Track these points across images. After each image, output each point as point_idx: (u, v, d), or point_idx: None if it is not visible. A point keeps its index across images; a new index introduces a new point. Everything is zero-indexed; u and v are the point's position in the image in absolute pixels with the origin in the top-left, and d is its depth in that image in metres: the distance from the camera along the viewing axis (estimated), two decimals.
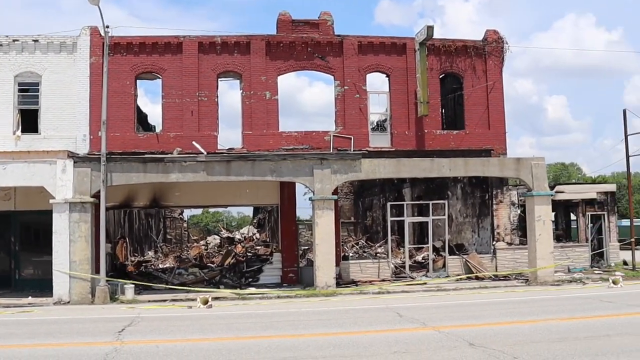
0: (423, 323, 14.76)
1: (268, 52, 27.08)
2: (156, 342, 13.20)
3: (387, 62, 28.02)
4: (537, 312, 16.48)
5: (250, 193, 27.05)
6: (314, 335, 13.63)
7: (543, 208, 25.13)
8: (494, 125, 28.61)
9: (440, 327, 14.05)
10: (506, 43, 29.15)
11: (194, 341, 13.21)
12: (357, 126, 27.38)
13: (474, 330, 13.51)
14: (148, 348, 12.49)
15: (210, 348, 12.32)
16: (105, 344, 12.94)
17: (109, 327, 15.37)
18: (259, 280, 26.30)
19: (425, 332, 13.61)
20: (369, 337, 13.19)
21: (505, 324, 14.51)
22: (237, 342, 12.92)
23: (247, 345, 12.47)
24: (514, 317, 15.64)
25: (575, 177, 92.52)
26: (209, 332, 14.39)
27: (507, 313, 16.45)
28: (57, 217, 22.43)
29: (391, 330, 13.96)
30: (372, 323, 15.25)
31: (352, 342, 12.59)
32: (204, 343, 12.95)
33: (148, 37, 26.61)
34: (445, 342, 12.31)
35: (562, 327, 13.79)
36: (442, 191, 30.90)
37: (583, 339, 12.20)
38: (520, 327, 13.88)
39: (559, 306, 17.53)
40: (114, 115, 25.27)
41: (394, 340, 12.65)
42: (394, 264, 27.75)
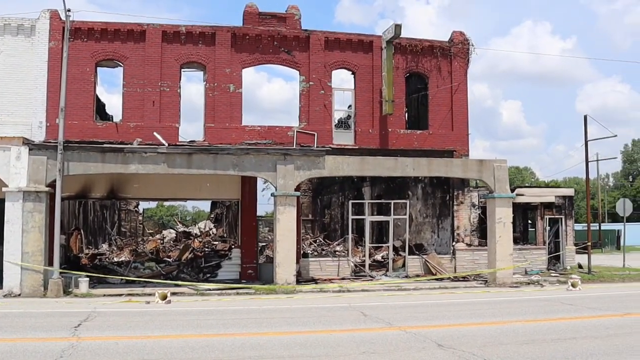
0: (389, 323, 14.59)
1: (233, 44, 26.61)
2: (115, 338, 12.74)
3: (354, 59, 27.82)
4: (501, 313, 16.49)
5: (210, 187, 26.54)
6: (279, 333, 13.33)
7: (504, 210, 25.27)
8: (457, 127, 28.68)
9: (406, 327, 13.89)
10: (472, 45, 29.25)
11: (154, 338, 12.78)
12: (321, 122, 27.12)
13: (441, 331, 13.39)
14: (107, 345, 12.03)
15: (172, 345, 11.92)
16: (61, 340, 12.43)
17: (64, 322, 14.81)
18: (218, 276, 25.83)
19: (391, 332, 13.42)
20: (335, 336, 12.95)
21: (471, 325, 14.42)
22: (200, 340, 12.52)
23: (210, 343, 12.10)
24: (478, 318, 15.58)
25: (528, 181, 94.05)
26: (170, 329, 13.96)
27: (471, 314, 16.39)
28: (10, 206, 21.65)
29: (357, 330, 13.74)
30: (337, 322, 15.01)
31: (318, 341, 12.34)
32: (166, 340, 12.54)
33: (110, 24, 25.85)
34: (413, 342, 12.14)
35: (528, 329, 13.76)
36: (403, 191, 30.85)
37: (550, 341, 12.17)
38: (487, 329, 13.81)
39: (521, 308, 17.56)
40: (72, 103, 24.49)
41: (361, 340, 12.44)
42: (354, 263, 27.58)
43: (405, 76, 28.66)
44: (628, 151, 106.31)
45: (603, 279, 27.28)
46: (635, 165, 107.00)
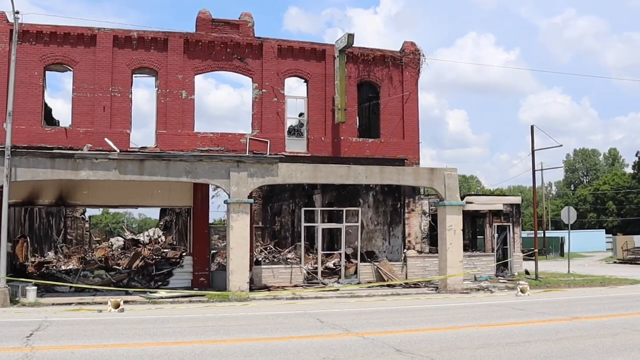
0: (346, 329, 14.68)
1: (186, 50, 26.45)
2: (71, 347, 12.48)
3: (306, 67, 27.97)
4: (454, 318, 16.77)
5: (162, 194, 26.25)
6: (237, 340, 13.28)
7: (454, 218, 25.73)
8: (408, 135, 29.10)
9: (363, 333, 14.01)
10: (423, 55, 29.75)
11: (111, 347, 12.57)
12: (274, 130, 27.16)
13: (398, 337, 13.54)
14: (62, 354, 11.78)
15: (129, 354, 11.75)
16: (13, 350, 12.11)
17: (14, 332, 14.44)
18: (169, 284, 25.54)
19: (349, 338, 13.51)
20: (294, 342, 12.98)
21: (426, 330, 14.65)
22: (158, 348, 12.39)
23: (169, 351, 11.98)
24: (434, 323, 15.82)
25: (475, 189, 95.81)
26: (126, 337, 13.75)
27: (426, 320, 16.63)
28: None
29: (315, 336, 13.79)
30: (294, 329, 15.04)
31: (278, 348, 12.35)
32: (122, 349, 12.36)
33: (60, 27, 25.39)
34: (371, 348, 12.26)
35: (482, 333, 14.03)
36: (354, 198, 31.08)
37: (505, 345, 12.46)
38: (443, 334, 14.04)
39: (474, 313, 17.90)
40: (19, 107, 23.90)
41: (320, 346, 12.51)
42: (307, 270, 27.64)
43: (358, 85, 28.95)
44: (570, 161, 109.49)
45: (550, 285, 27.98)
46: (576, 174, 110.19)
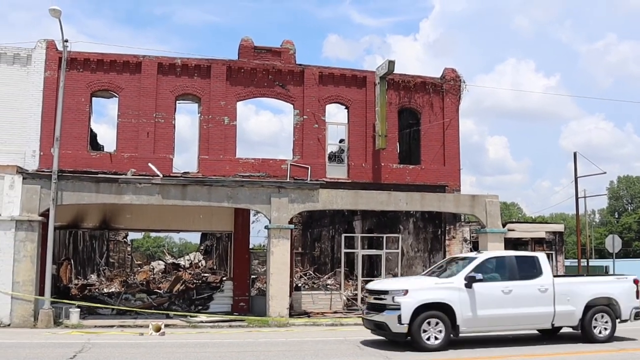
0: (386, 357, 14.54)
1: (229, 77, 26.82)
2: None
3: (347, 93, 28.11)
4: None
5: (203, 219, 26.51)
6: None
7: (496, 245, 25.40)
8: (449, 162, 28.93)
9: None
10: (463, 82, 29.66)
11: None
12: (315, 156, 27.29)
13: None
14: None
15: None
16: None
17: (58, 353, 14.67)
18: (209, 308, 25.66)
19: None
20: None
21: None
22: None
23: None
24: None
25: (516, 216, 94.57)
26: None
27: None
28: (2, 235, 21.59)
29: None
30: (334, 355, 14.95)
31: None
32: None
33: (106, 55, 26.01)
34: None
35: None
36: (394, 225, 30.97)
37: None
38: None
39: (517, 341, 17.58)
40: (66, 133, 24.49)
41: None
42: (346, 296, 27.53)
43: (398, 111, 28.96)
44: (614, 188, 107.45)
45: None
46: (620, 202, 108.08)
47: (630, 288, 17.32)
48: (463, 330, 15.63)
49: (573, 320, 16.64)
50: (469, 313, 15.56)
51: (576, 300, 16.55)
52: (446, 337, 15.29)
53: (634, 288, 17.32)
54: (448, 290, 15.67)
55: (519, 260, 16.95)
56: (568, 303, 16.46)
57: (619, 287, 17.32)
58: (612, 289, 17.22)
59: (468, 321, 15.56)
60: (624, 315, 17.05)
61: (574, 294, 16.60)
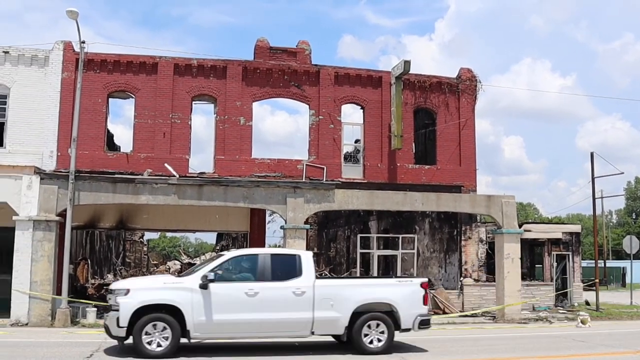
0: (402, 357, 14.50)
1: (244, 77, 26.89)
2: None
3: (363, 94, 28.09)
4: (513, 349, 16.38)
5: (219, 219, 26.63)
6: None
7: (512, 246, 25.29)
8: (465, 162, 28.83)
9: None
10: (479, 82, 29.54)
11: None
12: (330, 156, 27.29)
13: None
14: None
15: None
16: None
17: (75, 352, 14.74)
18: None
19: None
20: None
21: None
22: None
23: None
24: (492, 353, 15.50)
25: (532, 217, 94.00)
26: None
27: (483, 350, 16.29)
28: (20, 235, 21.68)
29: None
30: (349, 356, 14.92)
31: None
32: None
33: (123, 56, 26.16)
34: None
35: None
36: (410, 225, 30.85)
37: None
38: None
39: (533, 344, 17.44)
40: (83, 133, 24.65)
41: None
42: None
43: (414, 111, 28.89)
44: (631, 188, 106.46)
45: (611, 317, 27.18)
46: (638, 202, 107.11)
47: (414, 292, 15.20)
48: (195, 336, 14.17)
49: (338, 328, 14.67)
50: (202, 317, 13.96)
51: (342, 306, 14.55)
52: (173, 343, 13.79)
53: (419, 293, 15.23)
54: (178, 291, 14.03)
55: (276, 259, 15.07)
56: (331, 308, 14.50)
57: (399, 292, 15.16)
58: (389, 294, 15.08)
59: (201, 326, 14.01)
60: (405, 324, 14.96)
61: (340, 299, 14.59)
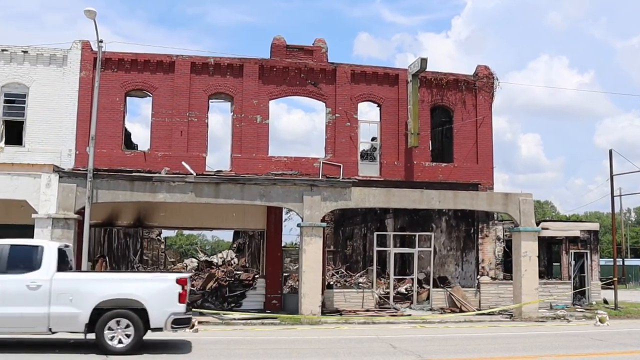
0: (419, 355, 14.49)
1: (261, 75, 26.95)
2: None
3: (379, 92, 28.05)
4: (530, 347, 16.28)
5: (236, 217, 26.68)
6: None
7: (530, 244, 25.15)
8: (482, 160, 28.73)
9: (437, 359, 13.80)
10: (496, 79, 29.40)
11: None
12: (347, 154, 27.29)
13: None
14: None
15: None
16: None
17: None
18: (242, 305, 25.85)
19: None
20: None
21: (502, 359, 14.31)
22: None
23: None
24: (509, 352, 15.42)
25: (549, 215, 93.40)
26: (200, 358, 13.95)
27: (500, 348, 16.23)
28: (39, 233, 21.84)
29: None
30: (367, 353, 14.93)
31: None
32: None
33: (140, 55, 26.32)
34: None
35: None
36: (427, 223, 30.78)
37: None
38: None
39: (551, 342, 17.35)
40: (101, 132, 24.81)
41: None
42: (378, 295, 27.48)
43: (430, 109, 28.82)
44: None
45: (630, 315, 26.97)
46: None
47: (168, 289, 14.23)
48: None
49: (78, 325, 13.75)
50: None
51: (82, 301, 13.65)
52: None
53: (175, 289, 14.22)
54: None
55: (15, 250, 14.16)
56: (70, 304, 13.62)
57: (150, 288, 14.23)
58: (137, 290, 14.09)
59: None
60: (156, 322, 14.03)
61: (80, 294, 13.70)
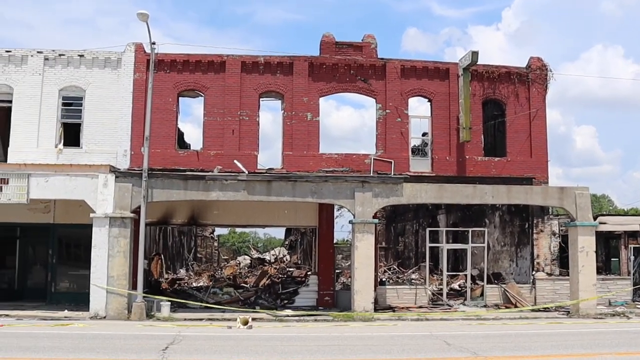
0: (474, 352, 14.34)
1: (310, 73, 27.00)
2: None
3: (430, 86, 27.80)
4: (589, 345, 15.96)
5: (288, 214, 26.87)
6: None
7: (587, 239, 24.61)
8: (536, 153, 28.18)
9: (492, 357, 13.65)
10: (550, 70, 28.80)
11: None
12: (398, 150, 27.14)
13: None
14: None
15: None
16: None
17: (152, 345, 15.18)
18: (295, 302, 26.01)
19: None
20: None
21: (559, 356, 14.07)
22: None
23: None
24: (566, 349, 15.14)
25: (606, 209, 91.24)
26: (255, 354, 14.11)
27: (558, 345, 15.93)
28: (97, 232, 22.43)
29: (442, 359, 13.58)
30: (421, 350, 14.87)
31: None
32: None
33: (191, 55, 26.66)
34: None
35: None
36: (479, 219, 30.45)
37: None
38: None
39: (610, 340, 16.98)
40: (155, 132, 25.24)
41: None
42: (431, 291, 27.29)
43: (482, 103, 28.40)
44: None
45: None
46: None
47: None
48: None
49: None
50: None
51: None
52: None
53: None
54: None
55: None
56: None
57: None
58: None
59: None
60: None
61: None
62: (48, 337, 16.51)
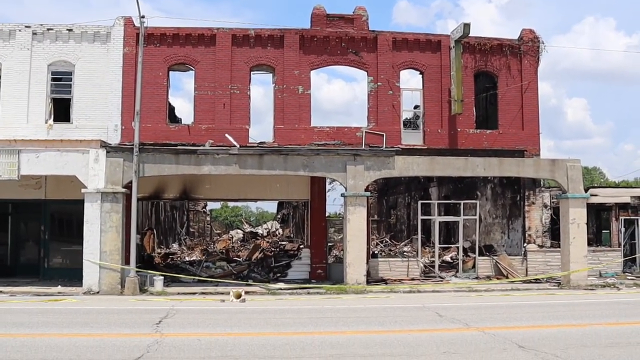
0: (466, 324, 14.46)
1: (302, 46, 26.83)
2: (196, 335, 13.02)
3: (422, 59, 27.68)
4: (580, 315, 16.13)
5: (280, 188, 26.88)
6: (356, 332, 13.36)
7: (578, 211, 24.74)
8: (528, 126, 28.20)
9: (484, 328, 13.75)
10: (542, 43, 28.71)
11: (235, 335, 13.02)
12: (390, 123, 27.09)
13: (520, 333, 13.21)
14: (189, 341, 12.29)
15: (253, 343, 12.08)
16: (145, 336, 12.77)
17: (145, 319, 15.23)
18: (287, 275, 26.12)
19: (470, 332, 13.30)
20: (414, 336, 12.93)
21: (550, 327, 14.18)
22: (280, 338, 12.69)
23: (290, 341, 12.24)
24: (558, 320, 15.30)
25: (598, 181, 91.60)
26: (249, 327, 14.18)
27: (548, 316, 16.11)
28: (89, 207, 22.37)
29: (435, 330, 13.69)
30: (413, 322, 14.99)
31: (397, 340, 12.34)
32: (246, 337, 12.74)
33: (181, 29, 26.44)
34: (493, 343, 12.03)
35: (610, 332, 13.44)
36: (471, 191, 30.55)
37: (637, 345, 11.89)
38: (568, 331, 13.55)
39: (600, 310, 17.15)
40: (146, 106, 25.07)
41: (440, 340, 12.38)
42: (423, 264, 27.44)
43: (474, 75, 28.32)
44: None
45: None
46: None
47: None
48: None
49: None
50: None
51: None
52: None
53: None
54: None
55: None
56: None
57: None
58: None
59: None
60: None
61: None
62: (42, 313, 16.56)
